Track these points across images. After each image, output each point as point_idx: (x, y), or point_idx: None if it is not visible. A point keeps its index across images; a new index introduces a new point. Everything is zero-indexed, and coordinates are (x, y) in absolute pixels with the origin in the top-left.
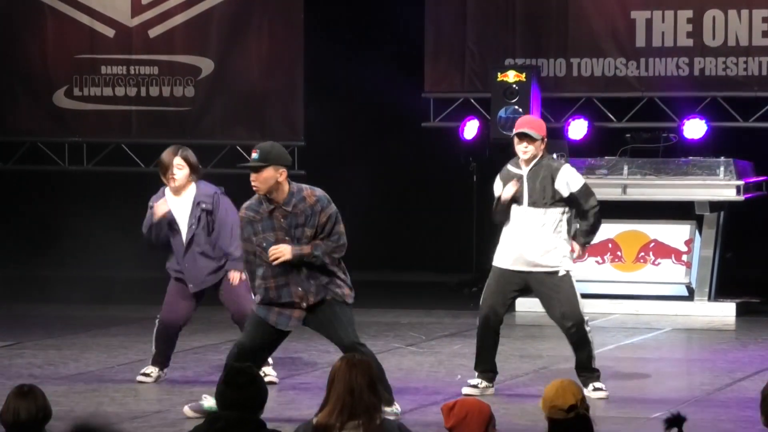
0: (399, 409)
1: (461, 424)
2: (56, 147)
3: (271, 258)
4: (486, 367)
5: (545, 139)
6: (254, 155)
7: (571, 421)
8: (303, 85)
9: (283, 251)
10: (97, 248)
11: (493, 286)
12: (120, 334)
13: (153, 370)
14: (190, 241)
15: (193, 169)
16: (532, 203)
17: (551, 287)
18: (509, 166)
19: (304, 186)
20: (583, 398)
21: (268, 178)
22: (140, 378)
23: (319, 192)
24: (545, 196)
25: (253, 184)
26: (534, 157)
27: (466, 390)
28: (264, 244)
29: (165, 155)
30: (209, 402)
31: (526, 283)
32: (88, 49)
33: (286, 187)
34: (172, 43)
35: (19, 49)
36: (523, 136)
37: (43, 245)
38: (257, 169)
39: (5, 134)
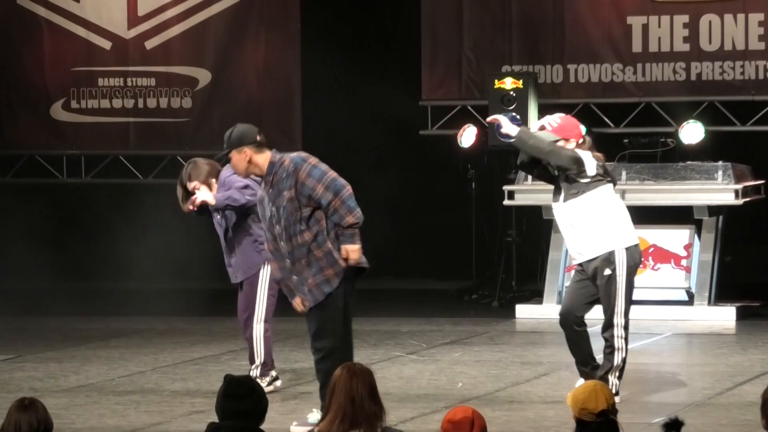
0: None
1: None
2: (54, 159)
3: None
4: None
5: (569, 139)
6: None
7: (600, 425)
8: (300, 95)
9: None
10: (96, 260)
11: None
12: (121, 346)
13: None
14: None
15: (206, 177)
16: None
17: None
18: None
19: (287, 154)
20: (614, 403)
21: (236, 163)
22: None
23: (294, 154)
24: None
25: None
26: None
27: None
28: (267, 215)
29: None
30: (315, 416)
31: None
32: (85, 61)
33: (262, 161)
34: (168, 55)
35: (17, 63)
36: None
37: (40, 258)
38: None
39: (3, 147)
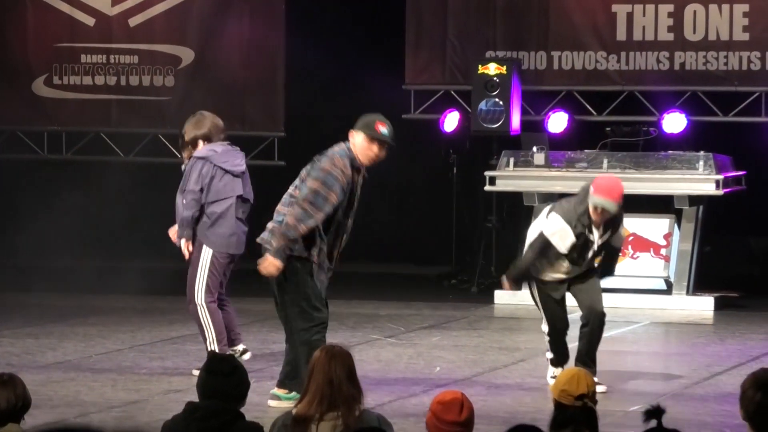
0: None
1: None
2: (35, 136)
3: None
4: None
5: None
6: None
7: (577, 410)
8: (284, 76)
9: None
10: (75, 237)
11: None
12: (98, 323)
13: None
14: None
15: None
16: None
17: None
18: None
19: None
20: (595, 391)
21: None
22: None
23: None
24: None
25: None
26: None
27: None
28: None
29: None
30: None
31: None
32: (68, 37)
33: None
34: (152, 33)
35: None
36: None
37: (19, 233)
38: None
39: None
